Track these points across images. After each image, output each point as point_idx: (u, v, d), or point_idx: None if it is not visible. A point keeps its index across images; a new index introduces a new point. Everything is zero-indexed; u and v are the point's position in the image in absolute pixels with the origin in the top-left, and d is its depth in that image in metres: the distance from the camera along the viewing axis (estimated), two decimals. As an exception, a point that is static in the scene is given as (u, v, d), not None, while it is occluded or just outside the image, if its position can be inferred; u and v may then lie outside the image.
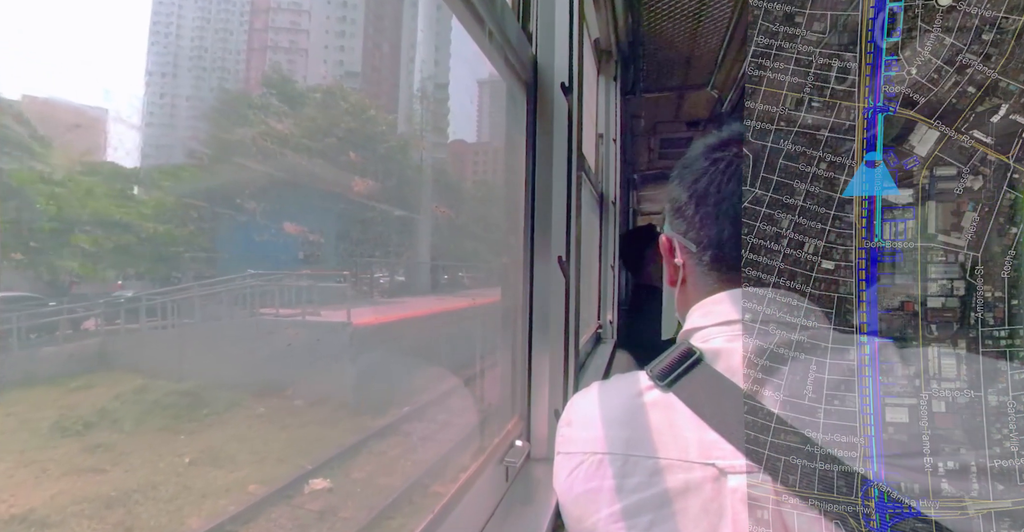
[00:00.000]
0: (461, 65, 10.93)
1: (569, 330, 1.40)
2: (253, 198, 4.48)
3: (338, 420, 4.57)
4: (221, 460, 3.55)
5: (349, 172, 6.17)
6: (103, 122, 3.72)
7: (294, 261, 4.88)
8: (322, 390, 4.63)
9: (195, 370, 3.74)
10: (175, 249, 3.88)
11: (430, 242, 7.89)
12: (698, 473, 0.53)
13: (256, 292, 4.35)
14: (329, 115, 6.60)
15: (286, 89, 6.60)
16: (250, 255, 4.49)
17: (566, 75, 1.42)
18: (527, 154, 1.39)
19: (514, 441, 1.35)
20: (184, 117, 5.27)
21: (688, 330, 0.63)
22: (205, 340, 3.90)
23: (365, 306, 6.23)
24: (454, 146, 14.60)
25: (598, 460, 0.59)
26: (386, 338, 5.56)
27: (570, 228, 1.39)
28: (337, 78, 8.80)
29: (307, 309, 4.79)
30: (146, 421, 3.43)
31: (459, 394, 5.48)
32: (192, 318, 3.62)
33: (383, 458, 4.51)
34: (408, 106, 11.10)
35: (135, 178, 3.86)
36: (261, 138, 5.14)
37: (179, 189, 4.12)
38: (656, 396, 0.59)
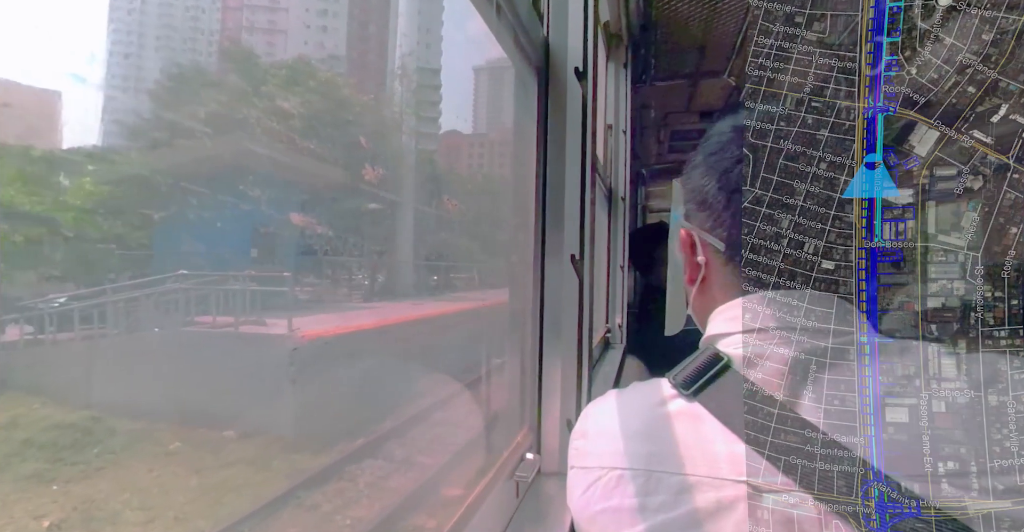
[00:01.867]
0: (465, 45, 10.96)
1: (583, 334, 1.43)
2: (198, 186, 4.36)
3: (271, 458, 3.96)
4: (96, 521, 2.99)
5: (315, 158, 6.09)
6: (44, 102, 3.69)
7: (245, 260, 4.64)
8: (261, 418, 4.14)
9: (93, 396, 3.32)
10: (96, 245, 3.65)
11: (413, 238, 7.84)
12: (730, 491, 0.53)
13: (187, 297, 4.03)
14: (295, 94, 6.55)
15: (248, 65, 6.58)
16: (190, 253, 4.26)
17: (580, 59, 1.44)
18: (538, 144, 1.42)
19: (524, 454, 1.39)
20: (131, 96, 5.29)
21: (713, 335, 0.64)
22: (115, 357, 3.51)
23: (331, 312, 5.91)
24: (447, 134, 14.59)
25: (617, 476, 0.60)
26: (353, 350, 5.14)
27: (584, 224, 1.42)
28: (306, 52, 8.79)
29: (252, 317, 4.41)
30: (8, 467, 2.94)
31: (451, 413, 5.13)
32: (104, 328, 3.31)
33: (346, 496, 3.86)
34: (394, 88, 11.08)
35: (55, 162, 3.73)
36: (212, 118, 5.07)
37: (109, 175, 3.94)
38: (681, 405, 0.59)
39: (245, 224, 4.87)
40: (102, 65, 5.90)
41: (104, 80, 5.32)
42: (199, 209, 4.35)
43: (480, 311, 7.47)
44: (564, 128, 1.43)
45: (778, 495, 0.51)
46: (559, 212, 1.42)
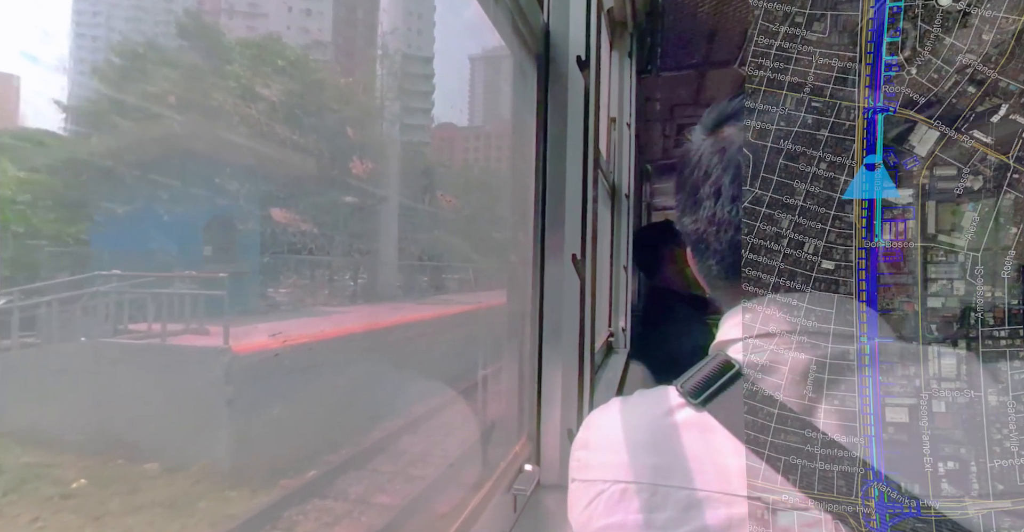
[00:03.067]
0: (460, 32, 10.89)
1: (585, 338, 1.44)
2: (138, 174, 4.21)
3: (199, 498, 3.39)
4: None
5: (283, 146, 5.95)
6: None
7: (195, 259, 4.48)
8: (197, 447, 3.67)
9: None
10: (25, 242, 3.50)
11: (397, 236, 7.76)
12: (742, 508, 0.54)
13: (115, 302, 3.71)
14: (260, 74, 6.44)
15: (206, 41, 6.49)
16: (131, 251, 4.04)
17: (582, 47, 1.45)
18: (538, 137, 1.44)
19: (523, 466, 1.41)
20: (74, 74, 5.21)
21: (722, 341, 0.65)
22: (14, 375, 3.12)
23: (294, 317, 5.61)
24: (440, 126, 14.50)
25: (621, 490, 0.60)
26: (315, 361, 4.73)
27: (586, 223, 1.43)
28: (281, 32, 8.71)
29: (194, 324, 4.04)
30: None
31: (441, 423, 4.90)
32: (6, 339, 2.92)
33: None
34: (377, 72, 10.99)
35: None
36: (160, 97, 4.93)
37: (33, 159, 3.76)
38: (689, 415, 0.61)
39: (196, 218, 4.65)
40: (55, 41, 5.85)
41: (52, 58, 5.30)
42: (146, 200, 4.16)
43: (474, 314, 7.36)
44: (565, 121, 1.45)
45: (790, 513, 0.52)
46: (559, 210, 1.44)
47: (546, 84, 1.46)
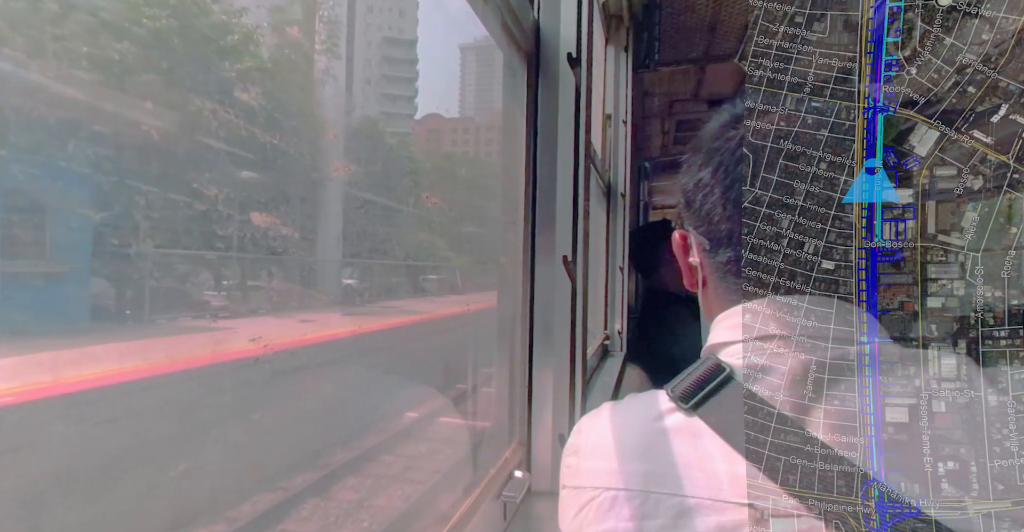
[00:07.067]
0: (445, 29, 10.80)
1: (576, 341, 1.44)
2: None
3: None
4: None
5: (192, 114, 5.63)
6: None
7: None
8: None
9: None
10: None
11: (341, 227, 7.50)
12: (733, 515, 0.55)
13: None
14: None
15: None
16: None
17: (573, 44, 1.46)
18: (528, 136, 1.44)
19: (513, 472, 1.40)
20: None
21: (714, 345, 0.66)
22: None
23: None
24: (425, 118, 14.33)
25: (611, 497, 0.61)
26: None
27: (577, 224, 1.44)
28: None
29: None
30: None
31: (429, 431, 4.96)
32: None
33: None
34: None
35: None
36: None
37: None
38: (679, 420, 0.61)
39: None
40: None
41: None
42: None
43: (434, 323, 7.20)
44: (556, 119, 1.46)
45: (784, 520, 0.53)
46: (550, 210, 1.45)
47: (536, 82, 1.47)
